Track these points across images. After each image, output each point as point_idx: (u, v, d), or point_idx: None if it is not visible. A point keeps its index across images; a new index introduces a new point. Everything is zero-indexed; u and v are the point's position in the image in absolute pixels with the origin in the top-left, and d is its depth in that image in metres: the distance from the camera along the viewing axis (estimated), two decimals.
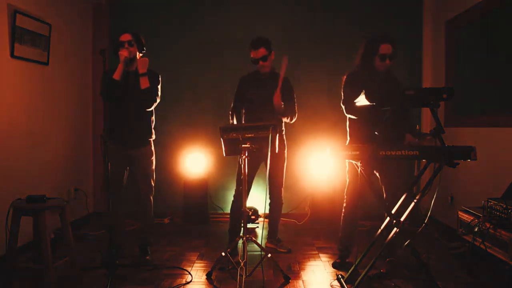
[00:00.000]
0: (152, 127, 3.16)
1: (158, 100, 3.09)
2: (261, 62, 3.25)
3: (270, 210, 3.52)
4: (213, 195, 4.59)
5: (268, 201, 3.48)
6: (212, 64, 4.60)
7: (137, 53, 3.07)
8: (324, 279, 2.90)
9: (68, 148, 4.07)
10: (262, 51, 3.22)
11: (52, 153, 3.75)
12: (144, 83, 2.99)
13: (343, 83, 2.99)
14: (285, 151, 3.43)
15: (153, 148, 3.18)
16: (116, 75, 2.91)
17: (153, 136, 3.18)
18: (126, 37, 3.00)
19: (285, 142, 3.46)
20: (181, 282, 2.81)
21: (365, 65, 2.89)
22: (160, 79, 3.14)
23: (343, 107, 2.98)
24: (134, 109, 3.02)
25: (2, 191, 3.00)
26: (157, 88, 3.10)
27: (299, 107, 3.48)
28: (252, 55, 3.26)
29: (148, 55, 3.14)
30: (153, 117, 3.17)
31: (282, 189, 3.47)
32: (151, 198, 3.19)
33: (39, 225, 2.57)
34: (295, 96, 3.43)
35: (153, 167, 3.18)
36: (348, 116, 2.99)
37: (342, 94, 2.97)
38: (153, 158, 3.18)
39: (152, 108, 3.10)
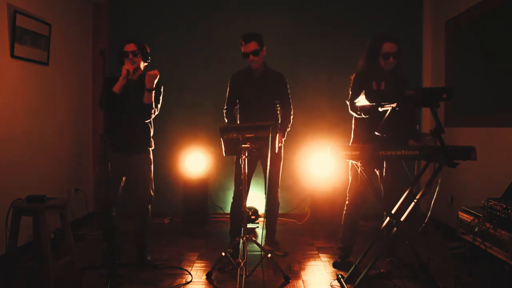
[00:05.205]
0: (151, 135, 3.12)
1: (157, 112, 3.07)
2: (251, 56, 3.17)
3: (267, 211, 3.49)
4: (213, 195, 4.59)
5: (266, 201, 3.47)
6: (212, 64, 4.60)
7: (141, 63, 3.05)
8: (324, 279, 2.90)
9: (68, 148, 4.07)
10: (253, 45, 3.15)
11: (52, 153, 3.75)
12: (148, 98, 2.96)
13: (351, 81, 3.00)
14: (282, 152, 3.41)
15: (151, 156, 3.13)
16: (116, 88, 2.89)
17: (152, 146, 3.14)
18: (130, 47, 2.97)
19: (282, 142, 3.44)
20: (181, 282, 2.81)
21: (370, 65, 2.90)
22: (162, 89, 3.11)
23: (347, 103, 2.98)
24: (132, 117, 2.99)
25: (2, 191, 3.00)
26: (159, 100, 3.07)
27: (299, 107, 3.49)
28: (243, 49, 3.19)
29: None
30: (152, 128, 3.13)
31: (278, 189, 3.45)
32: (149, 207, 3.13)
33: (39, 225, 2.56)
34: (289, 92, 3.41)
35: (152, 176, 3.13)
36: (353, 114, 2.99)
37: (350, 92, 2.99)
38: (152, 167, 3.13)
39: (151, 119, 3.07)
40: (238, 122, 3.39)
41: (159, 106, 3.09)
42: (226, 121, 3.40)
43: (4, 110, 3.10)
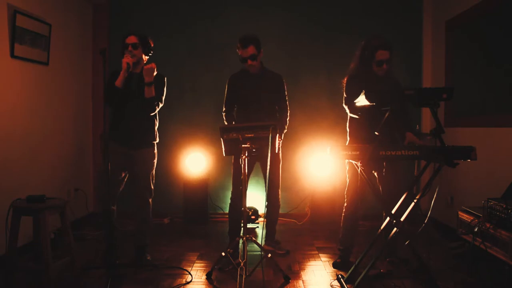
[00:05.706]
0: (156, 129, 3.13)
1: (161, 105, 3.08)
2: (249, 61, 3.17)
3: (267, 211, 3.49)
4: (213, 195, 4.59)
5: (266, 202, 3.47)
6: (212, 64, 4.60)
7: (143, 56, 3.05)
8: (324, 279, 2.90)
9: (68, 148, 4.07)
10: (251, 50, 3.14)
11: (52, 153, 3.75)
12: (149, 92, 2.94)
13: (344, 85, 3.00)
14: (280, 153, 3.40)
15: (156, 151, 3.15)
16: (118, 82, 2.89)
17: (157, 139, 3.15)
18: (131, 39, 2.97)
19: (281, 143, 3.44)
20: (181, 282, 2.81)
21: (363, 68, 2.90)
22: (165, 81, 3.11)
23: (345, 107, 2.98)
24: (136, 111, 3.00)
25: (2, 191, 3.00)
26: (162, 92, 3.07)
27: (299, 107, 3.49)
28: (240, 54, 3.18)
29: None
30: (157, 121, 3.15)
31: (279, 190, 3.45)
32: (150, 201, 3.14)
33: (39, 225, 2.57)
34: (287, 93, 3.41)
35: (154, 170, 3.14)
36: (351, 116, 2.99)
37: (345, 94, 2.98)
38: (155, 161, 3.14)
39: (155, 112, 3.08)
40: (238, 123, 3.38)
41: (163, 98, 3.08)
42: (226, 123, 3.39)
43: (4, 110, 3.10)
